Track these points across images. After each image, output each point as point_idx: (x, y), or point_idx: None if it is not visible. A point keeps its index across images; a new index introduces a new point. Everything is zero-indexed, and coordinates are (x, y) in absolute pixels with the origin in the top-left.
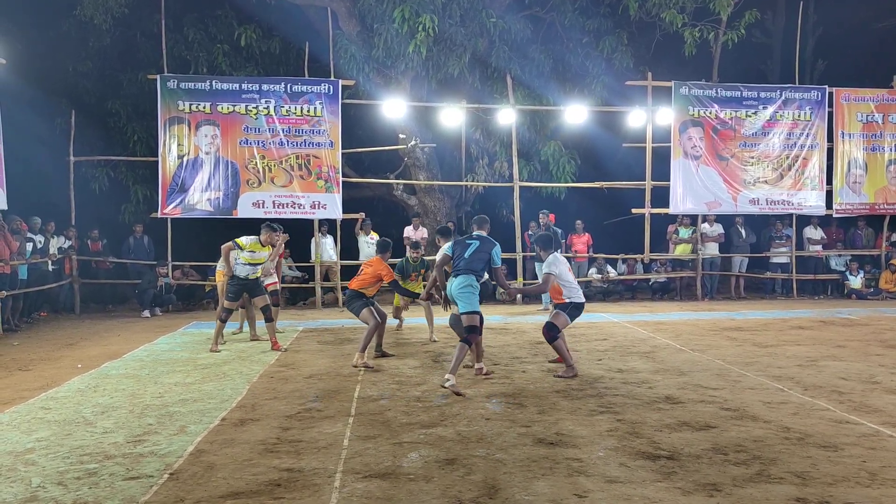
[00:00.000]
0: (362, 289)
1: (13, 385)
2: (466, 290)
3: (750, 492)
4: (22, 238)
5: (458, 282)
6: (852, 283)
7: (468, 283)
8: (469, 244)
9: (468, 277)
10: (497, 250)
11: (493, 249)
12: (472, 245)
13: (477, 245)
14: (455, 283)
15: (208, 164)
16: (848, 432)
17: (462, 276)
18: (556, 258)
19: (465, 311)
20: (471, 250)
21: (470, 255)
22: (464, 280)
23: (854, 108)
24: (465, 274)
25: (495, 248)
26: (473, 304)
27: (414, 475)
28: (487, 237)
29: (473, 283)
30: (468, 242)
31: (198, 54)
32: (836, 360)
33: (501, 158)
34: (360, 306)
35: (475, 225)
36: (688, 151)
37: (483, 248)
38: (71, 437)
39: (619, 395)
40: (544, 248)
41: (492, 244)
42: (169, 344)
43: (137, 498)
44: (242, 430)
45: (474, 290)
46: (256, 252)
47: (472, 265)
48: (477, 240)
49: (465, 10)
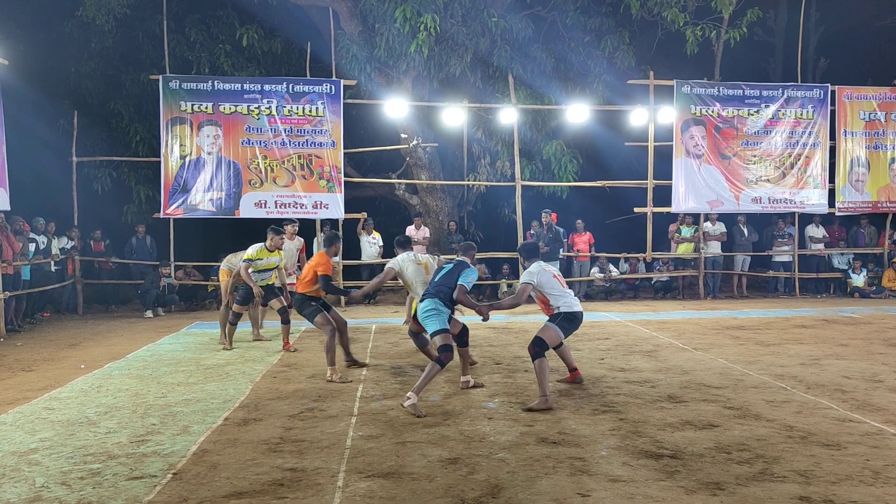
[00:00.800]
0: (309, 291)
1: (17, 385)
2: (431, 314)
3: (753, 490)
4: (25, 239)
5: (423, 306)
6: (855, 282)
7: (433, 306)
8: (443, 268)
9: (433, 301)
10: (468, 273)
11: (463, 271)
12: (445, 269)
13: (448, 270)
14: (421, 307)
15: (210, 164)
16: (851, 431)
17: (427, 300)
18: (539, 267)
19: (434, 332)
20: (441, 274)
21: (440, 279)
22: (429, 304)
23: (856, 107)
24: (430, 298)
25: (467, 269)
26: (441, 322)
27: (417, 474)
28: (465, 262)
29: (439, 307)
30: (443, 266)
31: (200, 55)
32: (839, 359)
33: (503, 158)
34: (312, 312)
35: (460, 251)
36: (690, 150)
37: (452, 273)
38: (74, 438)
39: (621, 394)
40: (528, 258)
41: (465, 266)
42: (172, 344)
43: (141, 498)
44: (245, 430)
45: (440, 312)
46: (265, 259)
47: (440, 289)
48: (451, 264)
49: (467, 9)
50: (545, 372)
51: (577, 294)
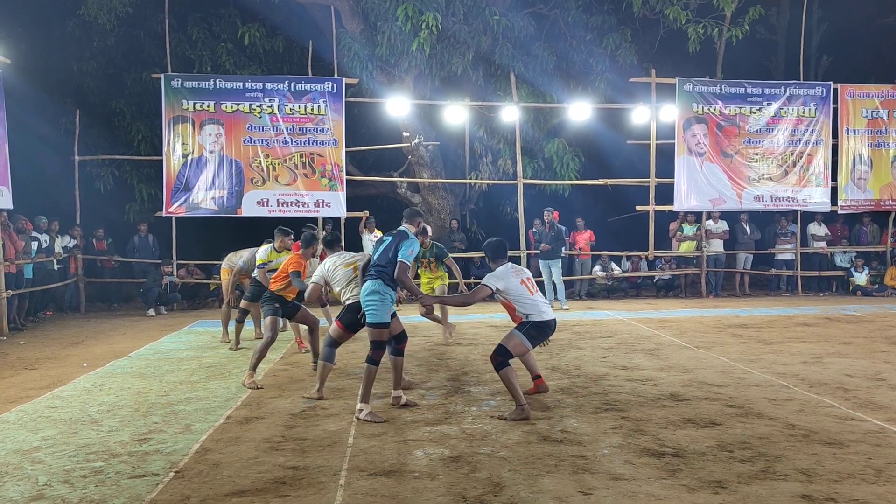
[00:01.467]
0: (279, 290)
1: (19, 384)
2: (373, 298)
3: (755, 489)
4: (27, 237)
5: (365, 287)
6: (857, 280)
7: (375, 288)
8: (383, 241)
9: (375, 283)
10: (406, 243)
11: (402, 243)
12: (384, 243)
13: (387, 242)
14: (363, 290)
15: (212, 162)
16: (853, 429)
17: (369, 281)
18: (505, 270)
19: (372, 324)
20: (381, 248)
21: (378, 255)
22: (370, 285)
23: (859, 105)
24: (372, 279)
25: (405, 241)
26: (381, 314)
27: (419, 473)
28: (405, 231)
29: (381, 290)
30: (383, 240)
31: (202, 53)
32: (842, 357)
33: (505, 156)
34: (267, 311)
35: (405, 218)
36: (692, 148)
37: (391, 245)
38: (77, 436)
39: (623, 392)
40: (493, 259)
41: (403, 238)
42: (174, 342)
43: (143, 496)
44: (247, 429)
45: (383, 297)
46: (274, 260)
47: (382, 268)
48: (392, 236)
49: (469, 7)
50: (514, 380)
51: (579, 292)
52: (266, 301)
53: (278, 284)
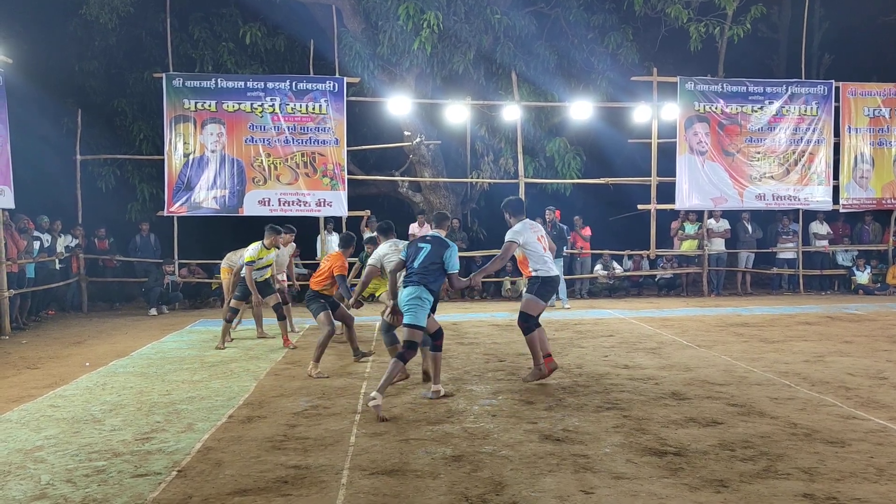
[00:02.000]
0: (321, 289)
1: (22, 383)
2: (414, 303)
3: (757, 488)
4: (29, 237)
5: (407, 293)
6: (859, 279)
7: (417, 294)
8: (421, 248)
9: (418, 289)
10: (451, 252)
11: (445, 253)
12: (424, 249)
13: (428, 250)
14: (404, 294)
15: (214, 162)
16: (855, 428)
17: (412, 287)
18: (523, 226)
19: (409, 324)
20: (422, 256)
21: (420, 264)
22: (413, 291)
23: (861, 103)
24: (415, 285)
25: (448, 250)
26: (419, 318)
27: (421, 472)
28: (442, 238)
29: (424, 296)
30: (420, 246)
31: (203, 53)
32: (844, 356)
33: (507, 155)
34: (317, 308)
35: (433, 222)
36: (693, 147)
37: (435, 253)
38: (79, 435)
39: (625, 391)
40: (514, 215)
41: (445, 246)
42: (176, 342)
43: (146, 495)
44: (250, 428)
45: (423, 303)
46: (264, 257)
47: (426, 275)
48: (430, 242)
49: (470, 6)
50: (536, 345)
51: (581, 291)
52: (311, 300)
53: (321, 284)
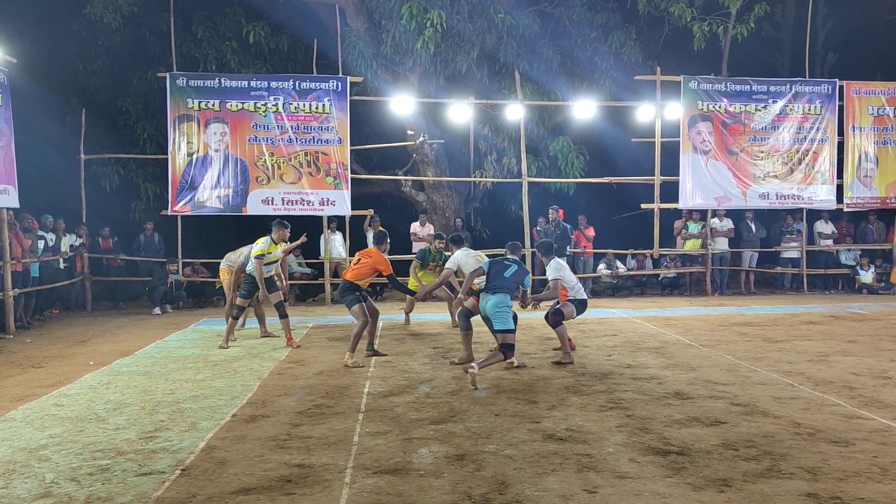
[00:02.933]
0: (358, 280)
1: (26, 382)
2: (503, 310)
3: (760, 487)
4: (33, 236)
5: (496, 300)
6: (863, 278)
7: (506, 303)
8: (508, 265)
9: (505, 297)
10: (528, 277)
11: (526, 277)
12: (512, 268)
13: (515, 269)
14: (492, 301)
15: (218, 161)
16: (859, 427)
17: (500, 295)
18: (559, 264)
19: (501, 330)
20: (510, 272)
21: (510, 277)
22: (501, 300)
23: (865, 102)
24: (503, 293)
25: (528, 276)
26: (508, 322)
27: (424, 471)
28: (522, 263)
29: (509, 303)
30: (507, 264)
31: (207, 52)
32: (848, 356)
33: (510, 154)
34: (352, 300)
35: (509, 250)
36: (697, 146)
37: (520, 273)
38: (83, 434)
39: (628, 390)
40: (545, 255)
41: (526, 272)
42: (180, 341)
43: (150, 494)
44: (253, 427)
45: (510, 309)
46: (273, 252)
47: (510, 286)
48: (515, 264)
49: (473, 5)
50: (566, 335)
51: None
52: (346, 292)
53: (355, 276)
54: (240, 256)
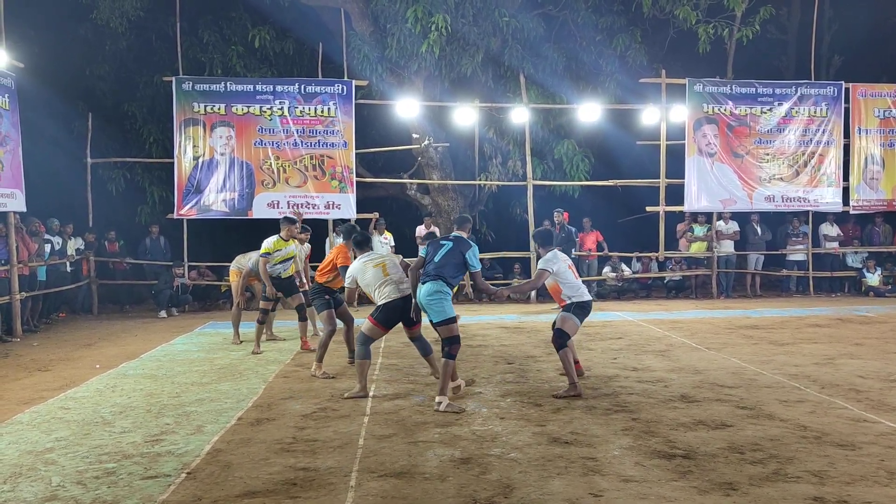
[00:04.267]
0: (327, 282)
1: (33, 385)
2: (436, 297)
3: (767, 491)
4: (40, 240)
5: (426, 289)
6: (870, 281)
7: (437, 289)
8: (442, 245)
9: (437, 283)
10: (473, 252)
11: (468, 252)
12: (445, 246)
13: (450, 247)
14: (423, 291)
15: (223, 165)
16: (866, 431)
17: (430, 283)
18: (554, 255)
19: (439, 321)
20: (442, 253)
21: (441, 259)
22: (432, 287)
23: (871, 104)
24: (433, 280)
25: (471, 249)
26: (446, 310)
27: (429, 474)
28: (464, 238)
29: (443, 289)
30: (441, 244)
31: (212, 56)
32: (854, 359)
33: (515, 157)
34: (321, 305)
35: (455, 224)
36: (702, 149)
37: (456, 250)
38: (90, 437)
39: (634, 393)
40: (543, 245)
41: (467, 245)
42: (185, 344)
43: (156, 497)
44: (259, 430)
45: (444, 296)
46: (283, 249)
47: (443, 270)
48: (451, 241)
49: (478, 9)
50: (570, 361)
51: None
52: (316, 295)
53: (326, 276)
54: (248, 261)
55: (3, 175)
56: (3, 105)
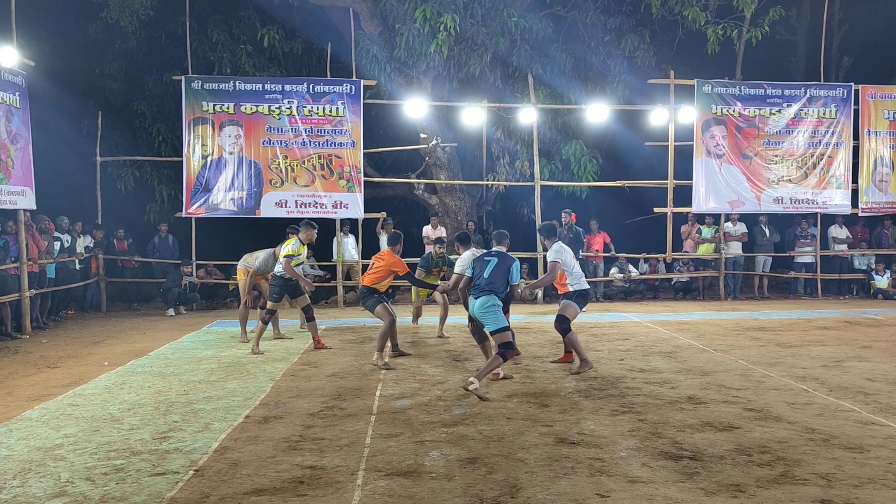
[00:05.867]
0: (375, 284)
1: (42, 382)
2: (490, 310)
3: (774, 493)
4: (50, 237)
5: (481, 302)
6: (878, 283)
7: (491, 303)
8: (488, 262)
9: (490, 298)
10: (516, 266)
11: (512, 266)
12: (491, 262)
13: (496, 262)
14: (478, 304)
15: (232, 164)
16: (874, 434)
17: (484, 297)
18: (560, 246)
19: (495, 330)
20: (490, 268)
21: (490, 274)
22: (486, 301)
23: (880, 106)
24: (486, 294)
25: (514, 264)
26: (500, 320)
27: (436, 473)
28: (506, 254)
29: (496, 302)
30: (487, 260)
31: (222, 55)
32: (862, 361)
33: (523, 157)
34: (374, 303)
35: (494, 241)
36: (711, 150)
37: (502, 266)
38: (98, 434)
39: (641, 395)
40: (548, 237)
41: (511, 260)
42: (193, 342)
43: (164, 494)
44: (266, 428)
45: (497, 307)
46: (302, 252)
47: (493, 285)
48: (496, 256)
49: (487, 9)
50: (577, 341)
51: (596, 294)
52: (366, 297)
53: (374, 280)
54: (255, 260)
55: (13, 173)
56: (14, 103)
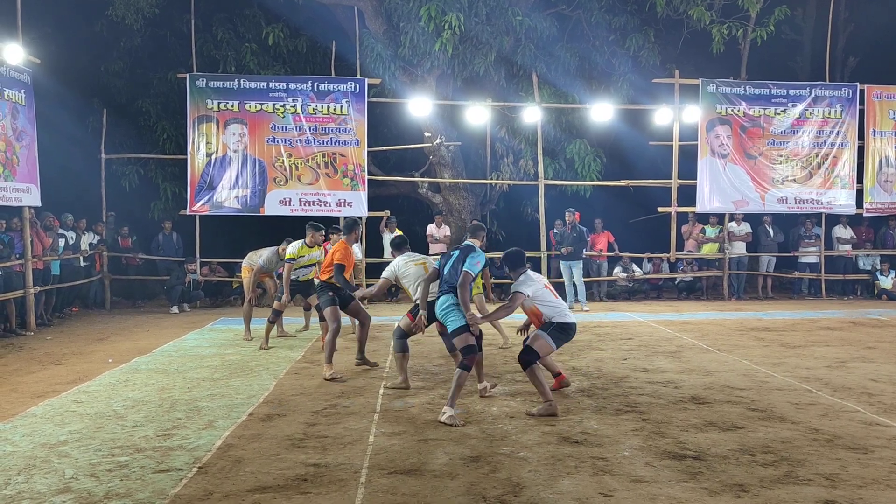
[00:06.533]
0: (329, 278)
1: (47, 379)
2: (450, 309)
3: (777, 493)
4: (54, 234)
5: (441, 301)
6: (883, 284)
7: (449, 302)
8: (451, 256)
9: (448, 297)
10: (473, 256)
11: (468, 255)
12: (452, 257)
13: (455, 257)
14: (438, 303)
15: (236, 161)
16: (878, 434)
17: (443, 297)
18: (528, 277)
19: (454, 331)
20: (449, 264)
21: (449, 271)
22: (444, 300)
23: (886, 106)
24: (444, 293)
25: (472, 254)
26: (459, 319)
27: (439, 472)
28: (472, 246)
29: (455, 301)
30: (451, 254)
31: (226, 53)
32: (866, 362)
33: (527, 156)
34: (326, 301)
35: (468, 233)
36: (715, 150)
37: (460, 258)
38: (102, 430)
39: (644, 394)
40: (514, 268)
41: (471, 251)
42: (197, 340)
43: (168, 490)
44: (269, 426)
45: (455, 306)
46: (306, 255)
47: (450, 282)
48: (460, 250)
49: (492, 8)
50: (541, 377)
51: (599, 294)
52: (321, 292)
53: (328, 273)
54: (259, 258)
55: (18, 170)
56: (19, 100)
